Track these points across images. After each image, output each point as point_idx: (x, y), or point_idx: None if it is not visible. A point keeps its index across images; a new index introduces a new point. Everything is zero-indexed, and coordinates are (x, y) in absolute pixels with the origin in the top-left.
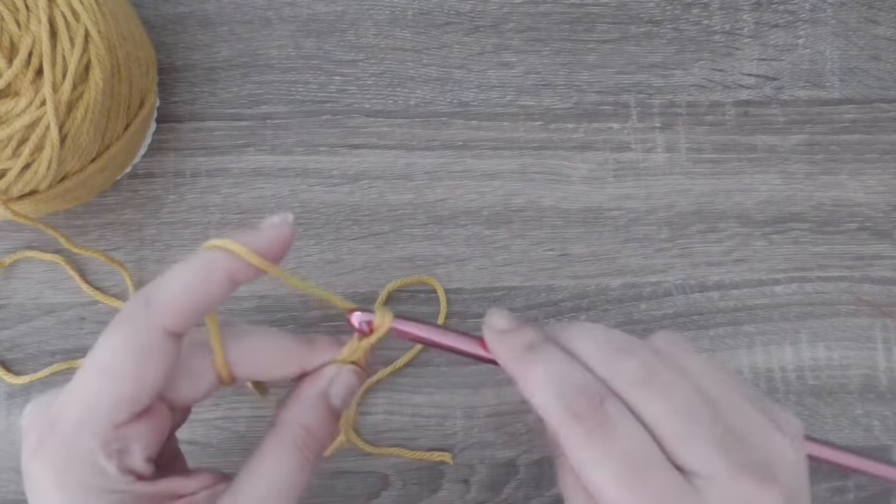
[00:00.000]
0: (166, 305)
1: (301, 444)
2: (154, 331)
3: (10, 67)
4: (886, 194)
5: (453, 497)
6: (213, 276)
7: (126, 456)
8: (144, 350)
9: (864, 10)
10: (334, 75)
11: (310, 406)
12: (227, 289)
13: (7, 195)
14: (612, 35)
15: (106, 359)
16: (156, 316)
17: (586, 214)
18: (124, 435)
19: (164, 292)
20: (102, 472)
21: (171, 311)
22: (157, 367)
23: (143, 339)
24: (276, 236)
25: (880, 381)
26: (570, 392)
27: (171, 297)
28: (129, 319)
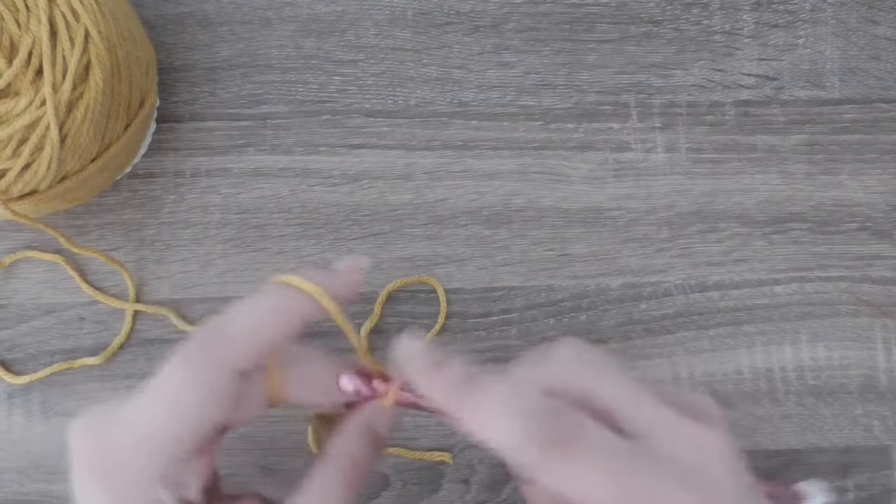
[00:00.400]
0: (240, 346)
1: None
2: (226, 371)
3: (10, 67)
4: (886, 194)
5: (453, 497)
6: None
7: (184, 489)
8: (214, 389)
9: (864, 10)
10: (334, 75)
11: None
12: (300, 329)
13: (7, 195)
14: (612, 35)
15: (172, 393)
16: (229, 356)
17: (586, 214)
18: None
19: (238, 332)
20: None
21: (244, 352)
22: (223, 404)
23: (215, 379)
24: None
25: (880, 381)
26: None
27: (244, 337)
28: (201, 356)
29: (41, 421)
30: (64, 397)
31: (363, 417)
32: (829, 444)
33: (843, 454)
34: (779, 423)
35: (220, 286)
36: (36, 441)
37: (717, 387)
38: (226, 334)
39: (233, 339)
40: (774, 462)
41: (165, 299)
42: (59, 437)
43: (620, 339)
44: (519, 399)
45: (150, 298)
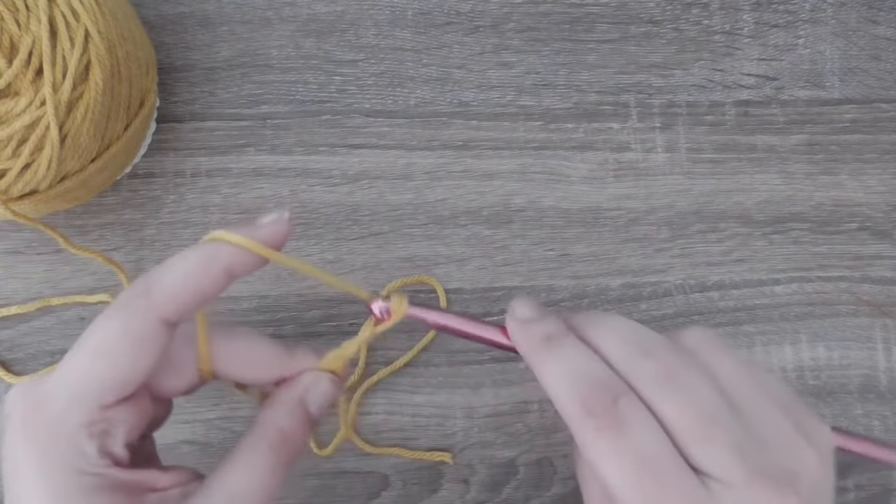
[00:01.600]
0: (165, 295)
1: (276, 446)
2: (152, 318)
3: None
4: (886, 194)
5: (453, 497)
6: (211, 267)
7: (107, 438)
8: (140, 336)
9: (864, 10)
10: (334, 75)
11: (286, 410)
12: (224, 281)
13: (7, 195)
14: (612, 35)
15: (101, 341)
16: (155, 304)
17: (586, 214)
18: (108, 417)
19: (164, 282)
20: (83, 452)
21: (169, 300)
22: (150, 353)
23: (141, 326)
24: (273, 231)
25: (880, 381)
26: (585, 388)
27: (170, 287)
28: (128, 306)
29: None
30: None
31: (296, 389)
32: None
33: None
34: None
35: None
36: None
37: None
38: (152, 286)
39: (158, 289)
40: None
41: None
42: None
43: None
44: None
45: None
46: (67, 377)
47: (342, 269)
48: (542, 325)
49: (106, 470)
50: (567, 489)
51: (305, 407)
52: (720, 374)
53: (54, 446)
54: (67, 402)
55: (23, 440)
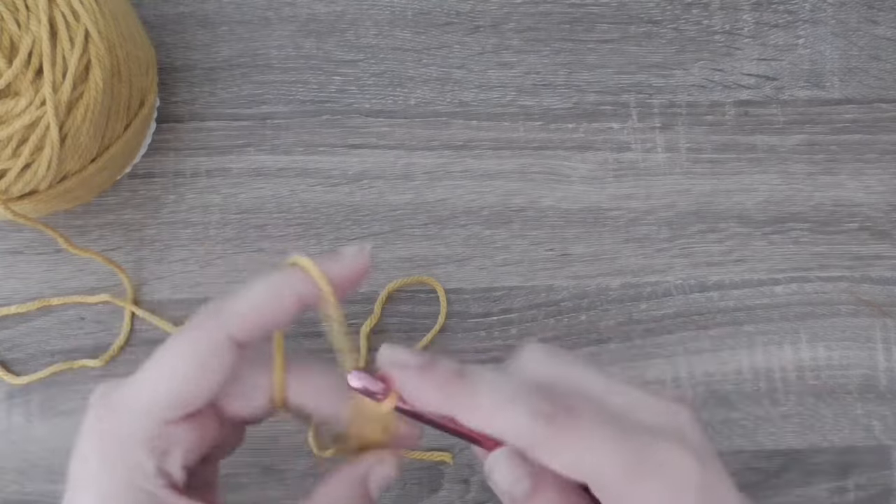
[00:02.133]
0: (235, 315)
1: None
2: (219, 337)
3: (10, 67)
4: (886, 194)
5: (453, 497)
6: (285, 294)
7: (166, 457)
8: (207, 354)
9: (864, 10)
10: (334, 75)
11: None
12: (297, 309)
13: (7, 195)
14: (612, 35)
15: (169, 357)
16: (223, 323)
17: (586, 214)
18: (169, 434)
19: (236, 304)
20: (141, 466)
21: (238, 321)
22: (216, 371)
23: (208, 344)
24: (354, 267)
25: (880, 381)
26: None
27: (241, 308)
28: (199, 324)
29: (41, 421)
30: (64, 397)
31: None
32: (829, 444)
33: (843, 454)
34: (779, 423)
35: (220, 286)
36: (36, 441)
37: (716, 387)
38: (224, 306)
39: (230, 310)
40: (774, 462)
41: (165, 299)
42: (59, 437)
43: (620, 339)
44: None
45: (150, 298)
46: (136, 390)
47: None
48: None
49: (160, 490)
50: None
51: (367, 488)
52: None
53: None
54: (135, 415)
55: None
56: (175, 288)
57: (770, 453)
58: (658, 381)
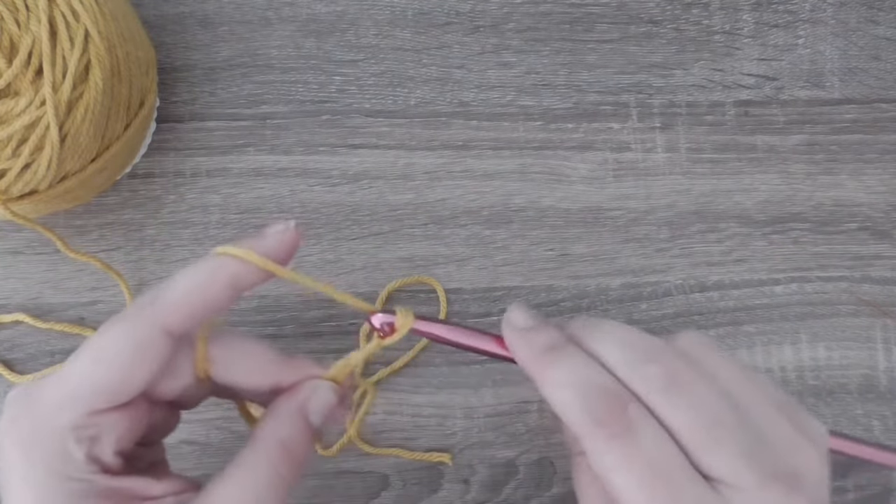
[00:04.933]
0: (169, 305)
1: (276, 459)
2: (153, 328)
3: (10, 67)
4: (886, 194)
5: (453, 497)
6: (216, 279)
7: (96, 445)
8: (140, 344)
9: (864, 10)
10: (334, 75)
11: (286, 420)
12: (230, 294)
13: (7, 195)
14: (612, 35)
15: (100, 346)
16: (158, 314)
17: (586, 214)
18: (98, 422)
19: (169, 293)
20: (69, 456)
21: (173, 311)
22: (149, 363)
23: (141, 334)
24: (280, 241)
25: (880, 381)
26: (592, 396)
27: (175, 297)
28: (133, 314)
29: None
30: None
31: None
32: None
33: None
34: None
35: None
36: None
37: None
38: (158, 295)
39: (164, 300)
40: None
41: None
42: None
43: None
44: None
45: None
46: (60, 380)
47: (342, 268)
48: (541, 335)
49: (93, 476)
50: (567, 489)
51: (306, 417)
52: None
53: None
54: (57, 404)
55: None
56: None
57: None
58: None
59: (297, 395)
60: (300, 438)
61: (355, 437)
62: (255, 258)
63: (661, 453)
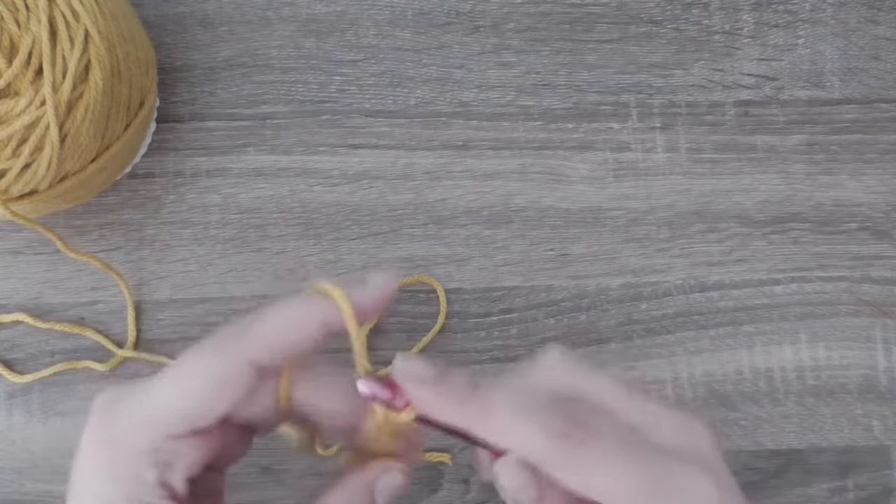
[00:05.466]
0: (258, 341)
1: None
2: (239, 362)
3: (10, 67)
4: (886, 194)
5: (453, 497)
6: (310, 321)
7: (168, 470)
8: (224, 378)
9: (864, 10)
10: (334, 75)
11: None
12: (322, 336)
13: (7, 195)
14: (612, 35)
15: (186, 372)
16: (246, 348)
17: (586, 214)
18: (173, 448)
19: (261, 328)
20: (142, 479)
21: (261, 346)
22: (231, 394)
23: (226, 368)
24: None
25: (880, 381)
26: (546, 413)
27: (266, 334)
28: (221, 343)
29: (41, 421)
30: (64, 397)
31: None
32: (829, 444)
33: (843, 454)
34: (779, 423)
35: (220, 286)
36: (36, 441)
37: (717, 387)
38: (248, 329)
39: (252, 333)
40: (774, 462)
41: (165, 299)
42: (59, 436)
43: (620, 339)
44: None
45: (149, 298)
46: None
47: (342, 269)
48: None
49: (161, 501)
50: None
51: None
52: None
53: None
54: (138, 424)
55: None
56: (175, 288)
57: (770, 453)
58: (658, 381)
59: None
60: None
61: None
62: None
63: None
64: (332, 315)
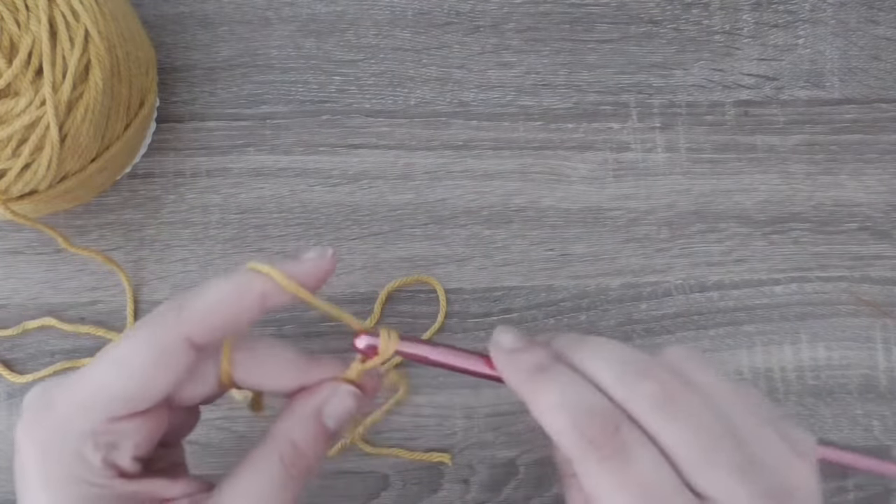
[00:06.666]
0: (196, 316)
1: (287, 461)
2: (178, 338)
3: (10, 67)
4: (886, 194)
5: (453, 497)
6: (244, 295)
7: (113, 451)
8: (163, 354)
9: (864, 10)
10: (334, 75)
11: (301, 422)
12: (257, 310)
13: (7, 195)
14: (612, 35)
15: (123, 353)
16: (183, 324)
17: (586, 214)
18: (116, 429)
19: (196, 304)
20: (86, 461)
21: (199, 322)
22: (170, 372)
23: (165, 344)
24: (315, 267)
25: (880, 381)
26: (584, 417)
27: (201, 308)
28: (157, 322)
29: None
30: None
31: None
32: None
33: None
34: None
35: None
36: None
37: None
38: (184, 305)
39: (189, 310)
40: None
41: (165, 299)
42: None
43: (620, 340)
44: (580, 394)
45: (149, 298)
46: (80, 384)
47: (342, 269)
48: (529, 356)
49: (110, 481)
50: None
51: (322, 420)
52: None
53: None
54: (75, 410)
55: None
56: (175, 288)
57: None
58: None
59: (315, 397)
60: (314, 441)
61: (357, 438)
62: (284, 281)
63: (655, 475)
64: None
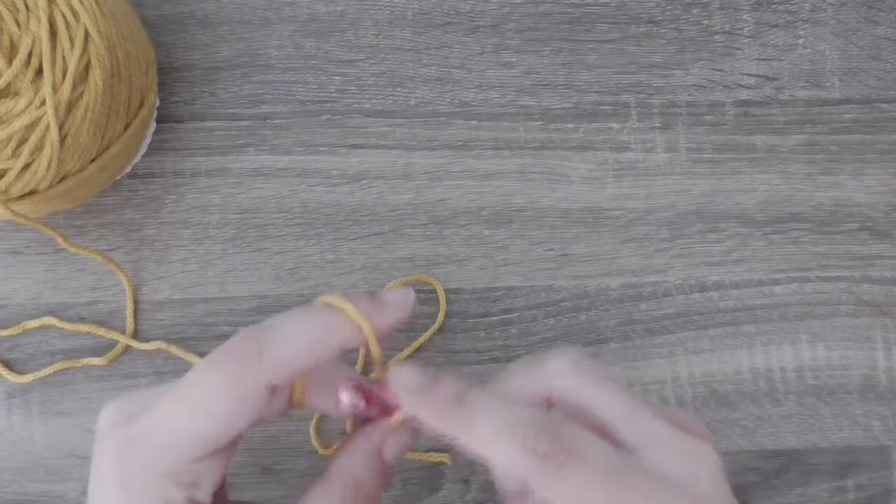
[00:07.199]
0: (278, 364)
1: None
2: (260, 385)
3: (10, 67)
4: (886, 194)
5: (453, 497)
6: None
7: (195, 489)
8: (243, 399)
9: (864, 10)
10: (334, 75)
11: (363, 459)
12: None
13: (7, 195)
14: (612, 35)
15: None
16: (265, 372)
17: (586, 214)
18: (197, 469)
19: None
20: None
21: (281, 370)
22: (249, 415)
23: (246, 390)
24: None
25: (880, 381)
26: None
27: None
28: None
29: (41, 421)
30: (64, 397)
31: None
32: (829, 444)
33: (843, 454)
34: (779, 423)
35: (220, 286)
36: (36, 441)
37: (716, 387)
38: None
39: (271, 356)
40: (774, 462)
41: (165, 299)
42: (58, 436)
43: (620, 339)
44: (512, 414)
45: (149, 298)
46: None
47: (342, 269)
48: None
49: None
50: None
51: (382, 456)
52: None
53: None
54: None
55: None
56: (175, 288)
57: (770, 453)
58: (658, 381)
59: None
60: (374, 478)
61: None
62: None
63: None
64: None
